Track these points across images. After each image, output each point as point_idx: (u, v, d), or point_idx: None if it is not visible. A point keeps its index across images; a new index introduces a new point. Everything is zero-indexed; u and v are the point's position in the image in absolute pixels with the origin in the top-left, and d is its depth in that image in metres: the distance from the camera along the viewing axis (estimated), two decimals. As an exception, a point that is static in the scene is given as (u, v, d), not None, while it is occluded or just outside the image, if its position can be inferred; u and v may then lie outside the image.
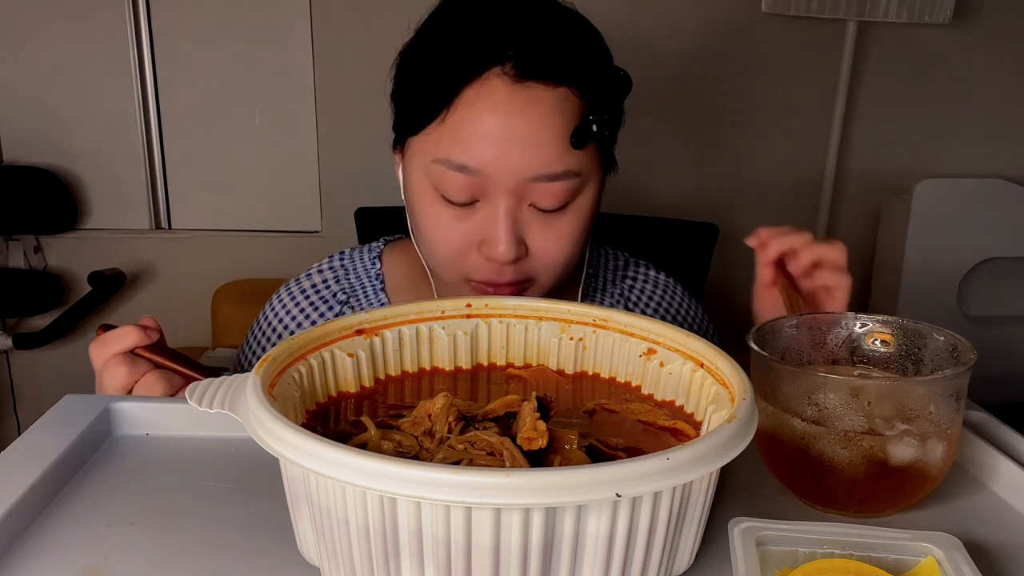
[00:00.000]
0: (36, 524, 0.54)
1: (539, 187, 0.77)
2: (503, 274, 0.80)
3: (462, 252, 0.80)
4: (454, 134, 0.76)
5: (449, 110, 0.76)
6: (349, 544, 0.43)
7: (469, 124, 0.75)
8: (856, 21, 1.80)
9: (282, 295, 0.96)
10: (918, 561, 0.47)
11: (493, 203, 0.77)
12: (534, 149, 0.75)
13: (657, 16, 1.83)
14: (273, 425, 0.43)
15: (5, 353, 1.92)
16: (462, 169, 0.76)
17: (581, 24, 0.82)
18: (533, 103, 0.75)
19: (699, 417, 0.55)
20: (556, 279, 0.84)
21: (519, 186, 0.76)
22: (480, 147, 0.75)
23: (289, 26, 1.80)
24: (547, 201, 0.78)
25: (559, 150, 0.76)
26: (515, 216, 0.78)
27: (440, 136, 0.77)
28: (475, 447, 0.47)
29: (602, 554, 0.43)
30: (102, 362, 0.74)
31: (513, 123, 0.75)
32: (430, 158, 0.78)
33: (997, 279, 1.94)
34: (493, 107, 0.75)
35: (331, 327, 0.58)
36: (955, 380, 0.57)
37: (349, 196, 1.72)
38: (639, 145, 1.90)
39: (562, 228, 0.80)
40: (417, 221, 0.83)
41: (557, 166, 0.76)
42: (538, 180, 0.76)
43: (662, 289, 1.01)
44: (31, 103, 1.82)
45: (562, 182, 0.77)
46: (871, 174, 1.98)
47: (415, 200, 0.82)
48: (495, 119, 0.75)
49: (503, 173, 0.76)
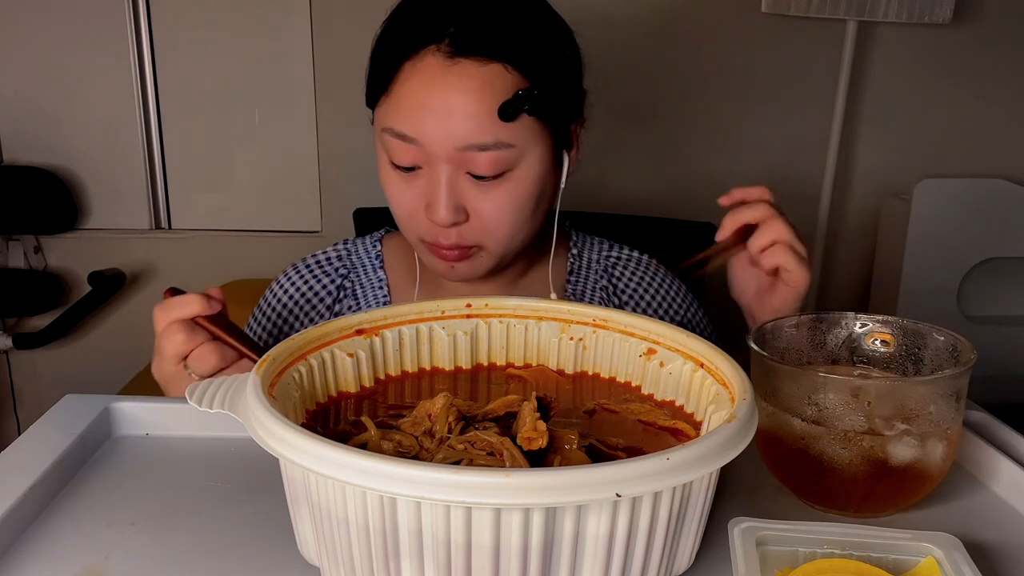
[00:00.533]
0: (36, 524, 0.54)
1: (471, 156, 0.82)
2: (447, 237, 0.85)
3: (411, 214, 0.87)
4: (396, 106, 0.83)
5: (393, 84, 0.84)
6: (349, 544, 0.43)
7: (407, 97, 0.82)
8: (856, 21, 1.80)
9: (288, 272, 1.02)
10: (918, 561, 0.47)
11: (433, 170, 0.83)
12: (464, 120, 0.81)
13: (657, 16, 1.83)
14: (273, 425, 0.43)
15: (5, 353, 1.92)
16: (402, 137, 0.83)
17: (527, 3, 0.87)
18: (464, 78, 0.81)
19: (699, 417, 0.55)
20: (505, 246, 0.88)
21: (453, 155, 0.82)
22: (416, 118, 0.81)
23: (289, 26, 1.80)
24: (481, 169, 0.83)
25: (488, 122, 0.81)
26: (453, 183, 0.83)
27: (387, 108, 0.84)
28: (475, 447, 0.47)
29: (602, 554, 0.43)
30: (163, 326, 0.75)
31: (446, 97, 0.81)
32: (380, 127, 0.86)
33: (997, 279, 1.94)
34: (427, 82, 0.81)
35: (331, 327, 0.58)
36: (955, 380, 0.57)
37: (349, 196, 1.72)
38: (638, 145, 1.90)
39: (499, 196, 0.84)
40: (382, 187, 0.89)
41: (486, 137, 0.81)
42: (469, 149, 0.81)
43: (644, 269, 1.04)
44: (31, 103, 1.82)
45: (493, 152, 0.82)
46: (871, 174, 1.98)
47: (379, 167, 0.89)
48: (430, 93, 0.81)
49: (437, 142, 0.81)
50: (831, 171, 1.92)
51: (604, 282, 1.01)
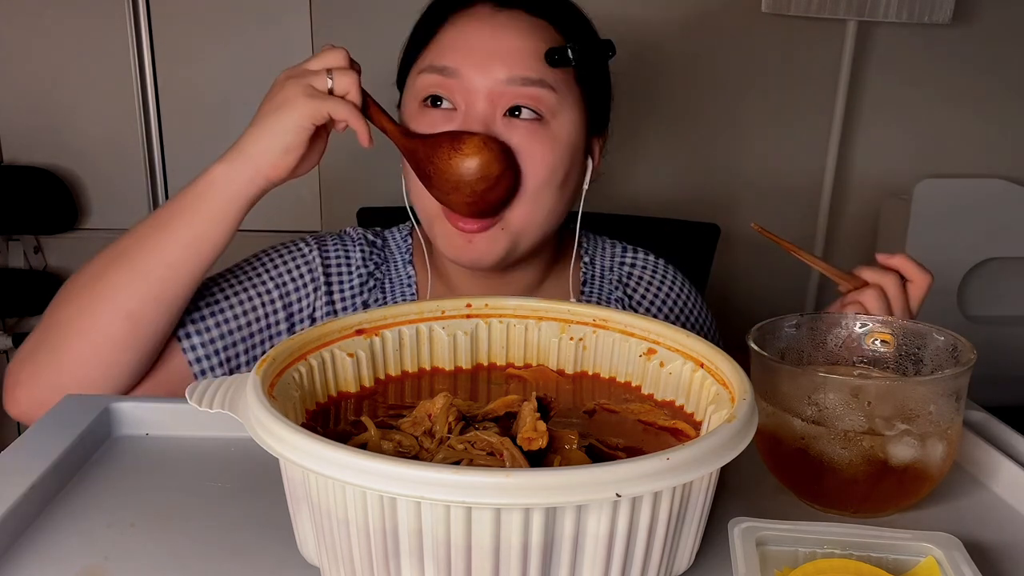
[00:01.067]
0: (36, 524, 0.54)
1: (512, 91, 0.82)
2: None
3: None
4: (440, 46, 0.84)
5: (438, 32, 0.85)
6: (349, 544, 0.43)
7: (454, 37, 0.84)
8: (856, 21, 1.80)
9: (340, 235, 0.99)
10: (918, 561, 0.47)
11: (471, 108, 0.82)
12: (510, 54, 0.82)
13: (657, 16, 1.83)
14: (273, 425, 0.43)
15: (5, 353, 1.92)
16: (442, 71, 0.83)
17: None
18: (514, 20, 0.84)
19: (699, 417, 0.55)
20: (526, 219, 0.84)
21: (494, 88, 0.81)
22: (462, 53, 0.82)
23: (289, 26, 1.80)
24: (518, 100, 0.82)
25: (533, 60, 0.82)
26: (490, 124, 0.82)
27: (428, 52, 0.85)
28: (475, 447, 0.47)
29: (602, 554, 0.43)
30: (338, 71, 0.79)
31: (494, 34, 0.83)
32: (418, 72, 0.85)
33: (997, 279, 1.94)
34: (477, 24, 0.83)
35: (331, 327, 0.58)
36: (955, 380, 0.57)
37: (349, 196, 1.72)
38: (639, 145, 1.90)
39: (535, 144, 0.82)
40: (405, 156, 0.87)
41: (530, 71, 0.82)
42: (511, 83, 0.81)
43: (661, 275, 1.02)
44: (31, 103, 1.82)
45: (535, 88, 0.82)
46: (871, 174, 1.98)
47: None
48: (478, 32, 0.83)
49: (479, 74, 0.81)
50: (831, 171, 1.92)
51: (619, 292, 0.98)
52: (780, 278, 1.98)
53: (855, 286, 0.81)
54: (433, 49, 0.84)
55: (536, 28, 0.84)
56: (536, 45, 0.82)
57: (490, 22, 0.83)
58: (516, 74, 0.81)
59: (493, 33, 0.82)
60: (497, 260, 0.85)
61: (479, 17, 0.84)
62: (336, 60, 0.79)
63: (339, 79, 0.78)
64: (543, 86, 0.82)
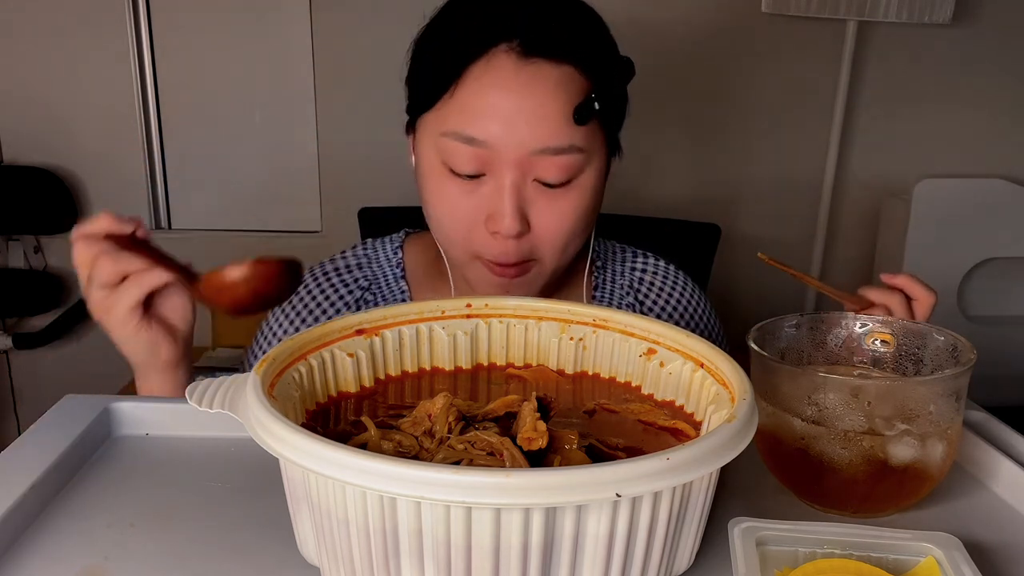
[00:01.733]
0: (36, 524, 0.54)
1: (544, 160, 0.79)
2: (508, 252, 0.81)
3: (469, 228, 0.82)
4: (462, 108, 0.78)
5: (457, 85, 0.79)
6: (349, 544, 0.43)
7: (476, 98, 0.78)
8: (856, 21, 1.80)
9: (306, 279, 0.97)
10: (918, 561, 0.47)
11: (498, 177, 0.79)
12: (540, 122, 0.77)
13: (657, 16, 1.83)
14: (273, 425, 0.43)
15: (5, 353, 1.92)
16: (470, 141, 0.78)
17: (584, 7, 0.84)
18: (538, 79, 0.78)
19: (699, 417, 0.55)
20: (559, 260, 0.85)
21: (524, 159, 0.78)
22: (487, 120, 0.77)
23: (289, 26, 1.80)
24: (551, 175, 0.79)
25: (563, 124, 0.78)
26: (519, 190, 0.80)
27: (449, 110, 0.79)
28: (475, 447, 0.47)
29: (602, 554, 0.43)
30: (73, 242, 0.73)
31: (520, 96, 0.77)
32: (439, 131, 0.80)
33: (997, 279, 1.94)
34: (500, 82, 0.77)
35: (331, 327, 0.58)
36: (955, 380, 0.57)
37: (349, 196, 1.72)
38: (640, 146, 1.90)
39: (565, 205, 0.82)
40: (427, 199, 0.85)
41: (562, 140, 0.78)
42: (543, 153, 0.78)
43: (672, 280, 1.02)
44: (31, 103, 1.82)
45: (566, 156, 0.79)
46: (871, 174, 1.98)
47: (425, 177, 0.84)
48: (502, 93, 0.77)
49: (509, 146, 0.78)
50: (831, 171, 1.92)
51: (630, 299, 0.98)
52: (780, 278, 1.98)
53: (861, 307, 0.81)
54: (453, 109, 0.79)
55: (562, 81, 0.78)
56: (564, 104, 0.78)
57: (516, 80, 0.77)
58: (547, 144, 0.78)
59: (520, 94, 0.77)
60: (535, 294, 0.86)
61: (503, 75, 0.77)
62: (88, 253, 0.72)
63: (94, 272, 0.72)
64: (573, 151, 0.79)
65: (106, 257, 0.71)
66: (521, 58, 0.77)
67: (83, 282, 0.74)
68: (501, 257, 0.82)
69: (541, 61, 0.78)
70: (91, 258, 0.71)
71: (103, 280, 0.72)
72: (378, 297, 0.95)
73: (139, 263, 0.71)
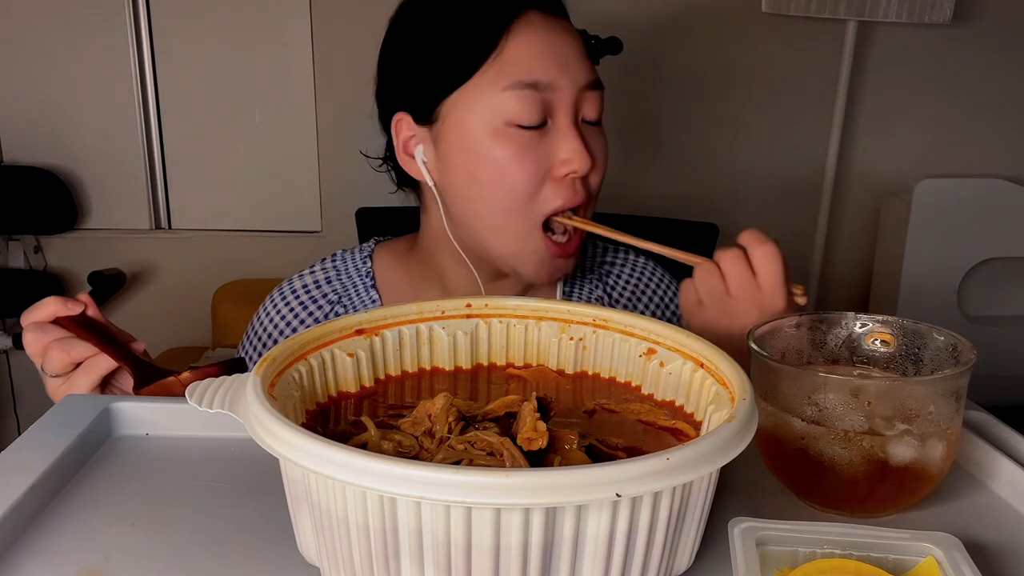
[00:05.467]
0: (36, 524, 0.54)
1: (588, 96, 0.86)
2: (577, 192, 0.86)
3: (538, 183, 0.84)
4: (516, 60, 0.83)
5: (504, 43, 0.83)
6: (349, 544, 0.43)
7: (528, 48, 0.84)
8: (856, 21, 1.80)
9: (275, 297, 0.98)
10: (918, 561, 0.47)
11: (560, 119, 0.85)
12: (582, 60, 0.87)
13: (657, 16, 1.83)
14: (273, 425, 0.43)
15: (5, 353, 1.92)
16: (534, 86, 0.83)
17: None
18: (566, 30, 0.88)
19: (699, 417, 0.55)
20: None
21: (578, 96, 0.85)
22: (546, 62, 0.84)
23: (289, 26, 1.80)
24: (594, 110, 0.87)
25: (591, 63, 0.88)
26: (580, 130, 0.86)
27: (501, 67, 0.83)
28: (475, 447, 0.47)
29: (602, 554, 0.43)
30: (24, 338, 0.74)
31: (562, 40, 0.86)
32: (499, 88, 0.83)
33: (997, 279, 1.94)
34: (543, 30, 0.85)
35: (331, 327, 0.58)
36: (955, 380, 0.57)
37: (349, 196, 1.72)
38: (639, 145, 1.91)
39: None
40: (479, 175, 0.85)
41: (595, 74, 0.88)
42: (587, 89, 0.86)
43: (640, 271, 1.03)
44: (31, 103, 1.82)
45: (599, 91, 0.88)
46: (871, 174, 1.98)
47: (473, 152, 0.84)
48: (549, 40, 0.85)
49: (568, 82, 0.84)
50: (831, 171, 1.92)
51: (600, 291, 0.99)
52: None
53: (696, 262, 0.83)
54: (508, 62, 0.83)
55: (576, 34, 0.89)
56: (584, 48, 0.88)
57: (551, 27, 0.86)
58: (592, 78, 0.86)
59: (561, 37, 0.86)
60: None
61: (539, 24, 0.85)
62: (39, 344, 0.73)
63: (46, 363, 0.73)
64: (602, 87, 0.88)
65: (56, 347, 0.72)
66: (547, 15, 0.86)
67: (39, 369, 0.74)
68: (571, 199, 0.85)
69: (557, 18, 0.88)
70: (42, 349, 0.73)
71: (54, 370, 0.73)
72: (349, 309, 0.95)
73: (88, 350, 0.72)
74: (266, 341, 0.96)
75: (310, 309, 0.95)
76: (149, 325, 0.77)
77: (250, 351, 0.97)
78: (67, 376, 0.73)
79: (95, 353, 0.72)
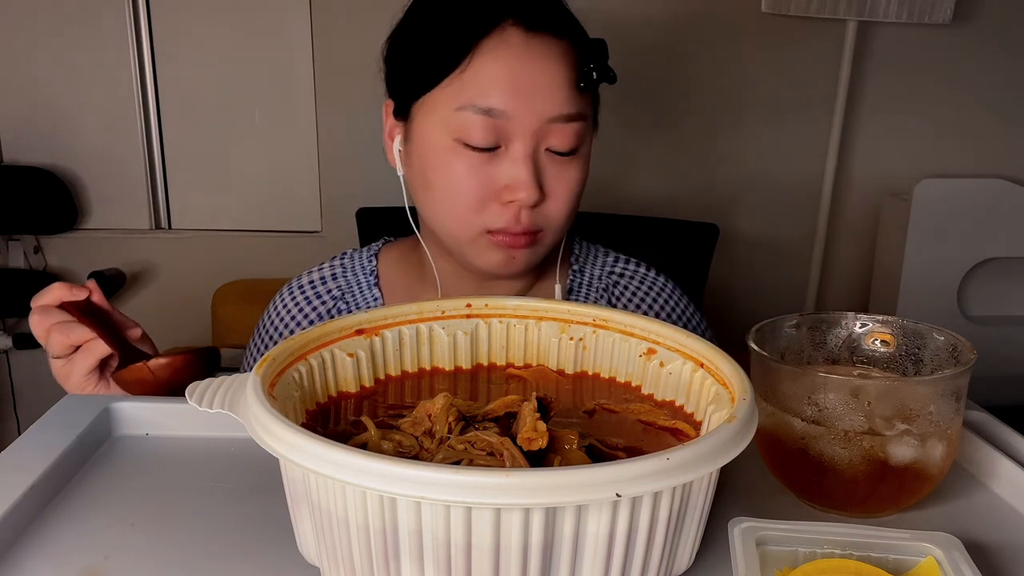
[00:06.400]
0: (36, 524, 0.54)
1: (556, 128, 0.82)
2: (520, 221, 0.83)
3: (482, 201, 0.83)
4: (477, 81, 0.80)
5: (470, 59, 0.81)
6: (349, 544, 0.43)
7: (491, 70, 0.80)
8: (856, 21, 1.80)
9: (283, 294, 1.00)
10: (918, 561, 0.47)
11: (515, 147, 0.81)
12: (554, 91, 0.81)
13: (657, 16, 1.83)
14: (273, 425, 0.43)
15: (5, 353, 1.92)
16: (487, 112, 0.80)
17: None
18: (546, 50, 0.82)
19: (699, 417, 0.55)
20: (562, 230, 0.88)
21: (540, 128, 0.81)
22: (505, 91, 0.80)
23: (289, 26, 1.80)
24: (563, 143, 0.82)
25: (571, 93, 0.82)
26: (535, 159, 0.82)
27: (461, 85, 0.81)
28: (475, 447, 0.47)
29: (602, 554, 0.43)
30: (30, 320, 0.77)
31: (534, 67, 0.81)
32: (453, 107, 0.81)
33: (997, 279, 1.94)
34: (514, 54, 0.80)
35: (331, 327, 0.58)
36: (955, 380, 0.57)
37: (349, 196, 1.72)
38: (639, 145, 1.91)
39: (572, 174, 0.85)
40: (432, 179, 0.85)
41: (572, 107, 0.82)
42: (556, 121, 0.81)
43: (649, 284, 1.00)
44: (31, 103, 1.82)
45: (575, 124, 0.83)
46: (871, 174, 1.98)
47: (431, 157, 0.84)
48: (517, 64, 0.80)
49: (527, 114, 0.80)
50: (831, 171, 1.92)
51: (603, 302, 0.98)
52: (780, 278, 1.98)
53: None
54: (468, 83, 0.80)
55: (563, 53, 0.82)
56: (569, 73, 0.82)
57: (526, 52, 0.80)
58: (561, 112, 0.81)
59: (532, 64, 0.80)
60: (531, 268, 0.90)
61: (512, 46, 0.80)
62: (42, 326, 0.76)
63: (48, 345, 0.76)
64: (580, 119, 0.83)
65: (57, 330, 0.75)
66: (528, 32, 0.81)
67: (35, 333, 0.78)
68: (514, 226, 0.83)
69: (544, 35, 0.82)
70: (44, 332, 0.76)
71: (55, 352, 0.76)
72: (351, 305, 0.97)
73: (87, 334, 0.75)
74: (273, 335, 0.98)
75: (314, 304, 0.97)
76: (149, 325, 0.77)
77: (260, 345, 0.99)
78: (68, 358, 0.76)
79: (93, 337, 0.75)
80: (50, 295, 0.77)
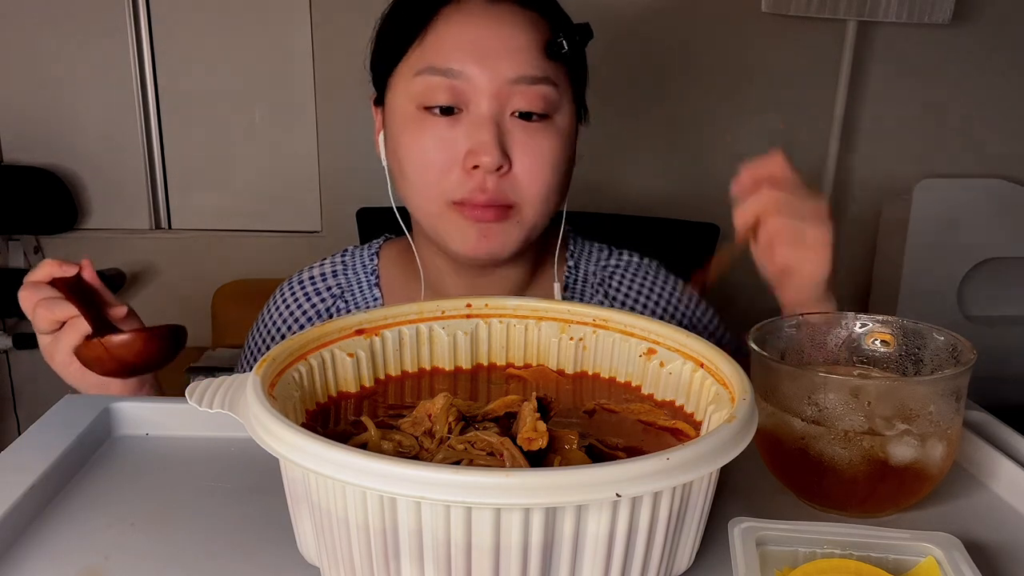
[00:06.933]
0: (36, 524, 0.54)
1: (520, 90, 0.80)
2: (485, 188, 0.80)
3: (446, 168, 0.81)
4: (436, 46, 0.81)
5: (429, 28, 0.81)
6: (349, 544, 0.43)
7: (451, 35, 0.81)
8: (856, 21, 1.80)
9: (283, 289, 0.99)
10: (918, 561, 0.47)
11: (477, 108, 0.80)
12: (514, 52, 0.80)
13: (656, 16, 1.83)
14: (273, 425, 0.43)
15: (5, 353, 1.92)
16: (446, 73, 0.80)
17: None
18: (508, 15, 0.82)
19: (699, 417, 0.55)
20: (538, 209, 0.84)
21: (501, 89, 0.80)
22: (463, 52, 0.80)
23: (289, 26, 1.80)
24: (528, 103, 0.81)
25: (536, 56, 0.81)
26: (499, 123, 0.81)
27: (422, 51, 0.82)
28: (475, 447, 0.47)
29: (602, 554, 0.43)
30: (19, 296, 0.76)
31: (492, 30, 0.81)
32: (414, 72, 0.82)
33: (997, 279, 1.94)
34: (473, 20, 0.81)
35: (331, 327, 0.58)
36: (955, 380, 0.57)
37: (349, 196, 1.72)
38: (639, 145, 1.90)
39: (543, 142, 0.82)
40: (401, 153, 0.84)
41: (536, 70, 0.81)
42: (519, 82, 0.80)
43: (644, 273, 1.01)
44: (31, 103, 1.82)
45: (541, 86, 0.81)
46: (871, 174, 1.98)
47: (399, 129, 0.84)
48: (476, 29, 0.81)
49: (486, 74, 0.80)
50: (831, 171, 1.92)
51: (600, 296, 0.98)
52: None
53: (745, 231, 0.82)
54: (428, 48, 0.81)
55: (529, 21, 0.82)
56: (535, 39, 0.81)
57: (486, 17, 0.81)
58: (523, 73, 0.80)
59: (492, 29, 0.80)
60: (513, 251, 0.86)
61: (473, 12, 0.81)
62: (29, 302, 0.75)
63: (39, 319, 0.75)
64: (548, 83, 0.81)
65: (42, 306, 0.74)
66: (488, 2, 0.82)
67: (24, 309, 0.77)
68: (479, 195, 0.80)
69: (509, 4, 0.82)
70: (31, 307, 0.75)
71: (40, 328, 0.76)
72: (351, 304, 0.96)
73: (71, 311, 0.74)
74: (272, 331, 0.97)
75: (313, 301, 0.96)
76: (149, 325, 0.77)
77: (258, 341, 0.99)
78: (55, 335, 0.75)
79: (76, 314, 0.74)
80: (40, 271, 0.76)
